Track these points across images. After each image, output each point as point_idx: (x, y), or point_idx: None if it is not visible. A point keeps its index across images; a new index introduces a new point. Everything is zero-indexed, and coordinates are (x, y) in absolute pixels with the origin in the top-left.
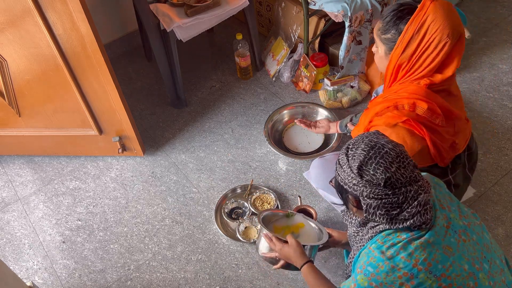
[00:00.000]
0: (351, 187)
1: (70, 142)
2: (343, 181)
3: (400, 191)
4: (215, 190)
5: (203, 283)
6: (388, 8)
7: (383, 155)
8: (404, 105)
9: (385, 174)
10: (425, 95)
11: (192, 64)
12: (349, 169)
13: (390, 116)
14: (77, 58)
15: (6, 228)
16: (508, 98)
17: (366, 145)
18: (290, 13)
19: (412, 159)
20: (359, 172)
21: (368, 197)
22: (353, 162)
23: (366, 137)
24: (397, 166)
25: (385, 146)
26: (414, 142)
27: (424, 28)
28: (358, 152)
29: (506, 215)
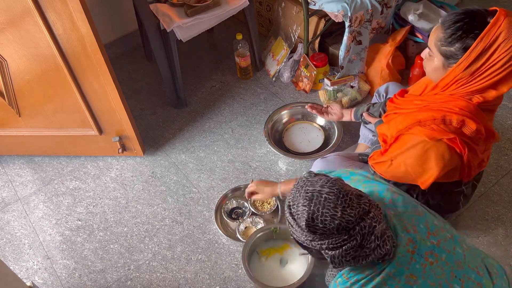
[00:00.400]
0: (309, 244)
1: (70, 142)
2: (300, 240)
3: (354, 231)
4: (215, 190)
5: (203, 283)
6: (449, 18)
7: (324, 203)
8: (453, 120)
9: (333, 222)
10: (475, 114)
11: (192, 64)
12: (299, 228)
13: (435, 130)
14: (77, 58)
15: (6, 228)
16: (508, 98)
17: (304, 199)
18: (290, 13)
19: (441, 174)
20: (309, 229)
21: (329, 248)
22: (300, 221)
23: (301, 187)
24: (342, 208)
25: (322, 192)
26: (452, 159)
27: (495, 46)
28: (300, 209)
29: (506, 215)
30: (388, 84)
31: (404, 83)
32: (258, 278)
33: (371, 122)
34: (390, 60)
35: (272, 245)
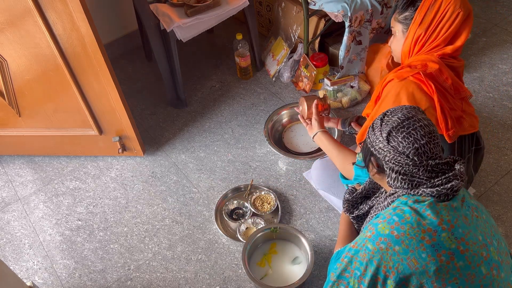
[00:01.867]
0: (377, 150)
1: (70, 142)
2: (371, 143)
3: (422, 163)
4: (215, 190)
5: (203, 283)
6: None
7: (417, 127)
8: (417, 65)
9: (412, 145)
10: (436, 60)
11: (192, 64)
12: (379, 132)
13: (402, 71)
14: (77, 58)
15: (6, 228)
16: (508, 98)
17: (403, 115)
18: (290, 13)
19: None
20: (387, 137)
21: (390, 161)
22: (385, 126)
23: (405, 108)
24: (428, 140)
25: (421, 121)
26: (422, 97)
27: (438, 2)
28: (394, 119)
29: (506, 215)
30: None
31: None
32: (254, 272)
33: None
34: (390, 60)
35: (263, 252)
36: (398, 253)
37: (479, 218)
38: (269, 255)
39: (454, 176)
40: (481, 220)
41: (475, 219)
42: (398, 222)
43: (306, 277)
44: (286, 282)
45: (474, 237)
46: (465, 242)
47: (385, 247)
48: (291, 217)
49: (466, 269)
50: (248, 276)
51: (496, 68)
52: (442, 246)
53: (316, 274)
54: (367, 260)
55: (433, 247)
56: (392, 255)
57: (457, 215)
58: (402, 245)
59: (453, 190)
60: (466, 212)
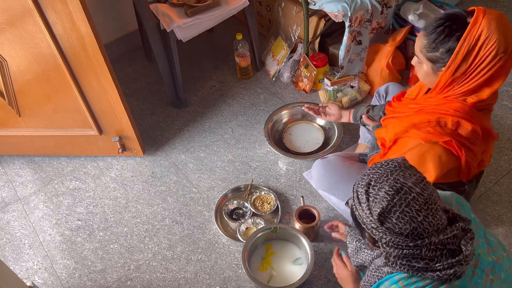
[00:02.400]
0: (369, 229)
1: (70, 142)
2: (361, 220)
3: (423, 242)
4: (215, 190)
5: (203, 283)
6: (431, 24)
7: (410, 202)
8: (448, 122)
9: (409, 225)
10: (470, 115)
11: (192, 64)
12: (368, 211)
13: (431, 132)
14: (77, 58)
15: (6, 228)
16: (508, 98)
17: (390, 188)
18: (290, 13)
19: (440, 176)
20: (379, 218)
21: (388, 245)
22: (374, 205)
23: (390, 174)
24: (425, 214)
25: (413, 190)
26: (449, 161)
27: (479, 44)
28: (381, 194)
29: (506, 215)
30: (388, 85)
31: (404, 83)
32: (258, 277)
33: (370, 125)
34: (390, 60)
35: (261, 256)
36: None
37: (495, 281)
38: (267, 258)
39: (458, 262)
40: (497, 282)
41: (488, 286)
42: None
43: (306, 277)
44: (287, 282)
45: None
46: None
47: None
48: (291, 217)
49: None
50: (248, 277)
51: None
52: None
53: (316, 274)
54: None
55: None
56: None
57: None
58: None
59: (456, 275)
60: (477, 281)
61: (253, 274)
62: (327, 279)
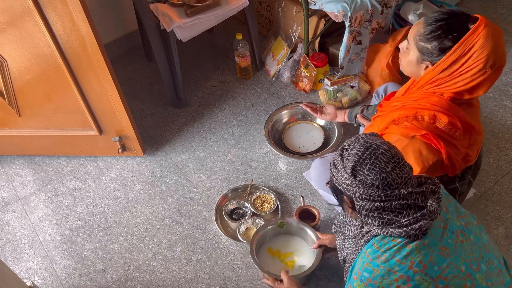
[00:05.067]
0: (345, 188)
1: (70, 142)
2: (337, 182)
3: (393, 193)
4: (215, 190)
5: (203, 283)
6: (433, 15)
7: (378, 155)
8: (424, 116)
9: (379, 175)
10: (447, 108)
11: (192, 64)
12: (343, 169)
13: (408, 127)
14: (77, 58)
15: (6, 228)
16: (508, 98)
17: (361, 146)
18: (290, 13)
19: (424, 170)
20: (352, 172)
21: (361, 198)
22: (347, 162)
23: (362, 138)
24: (392, 166)
25: (380, 147)
26: (430, 154)
27: (471, 52)
28: (353, 152)
29: (506, 215)
30: (387, 85)
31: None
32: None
33: (364, 124)
34: (390, 60)
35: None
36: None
37: (465, 242)
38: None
39: (423, 216)
40: (467, 244)
41: (459, 246)
42: (369, 278)
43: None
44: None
45: (455, 269)
46: (443, 279)
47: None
48: (291, 217)
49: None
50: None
51: None
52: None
53: (317, 274)
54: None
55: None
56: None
57: (430, 252)
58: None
59: (422, 230)
60: (448, 241)
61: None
62: (327, 279)
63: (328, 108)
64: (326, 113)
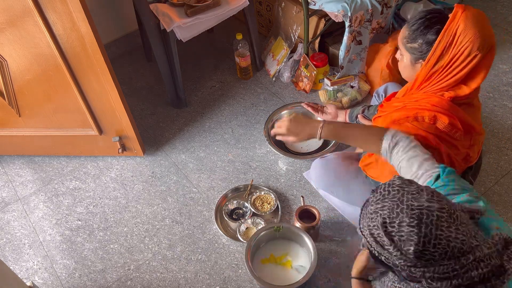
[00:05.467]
0: (406, 269)
1: (70, 142)
2: (392, 262)
3: (468, 260)
4: (215, 190)
5: (203, 283)
6: (414, 16)
7: (437, 223)
8: (425, 117)
9: (448, 246)
10: (447, 109)
11: (192, 64)
12: (399, 253)
13: (409, 127)
14: (77, 58)
15: (6, 228)
16: (508, 98)
17: (411, 218)
18: (290, 13)
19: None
20: (416, 255)
21: (433, 279)
22: (403, 244)
23: (400, 202)
24: (455, 227)
25: (432, 209)
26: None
27: (455, 39)
28: (405, 230)
29: (506, 215)
30: (387, 85)
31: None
32: (261, 276)
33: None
34: (390, 60)
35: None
36: None
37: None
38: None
39: (501, 281)
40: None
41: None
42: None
43: (309, 276)
44: (290, 281)
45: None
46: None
47: None
48: (291, 217)
49: None
50: (251, 274)
51: (496, 68)
52: None
53: (316, 274)
54: None
55: None
56: None
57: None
58: None
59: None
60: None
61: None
62: (327, 279)
63: (329, 107)
64: (327, 112)
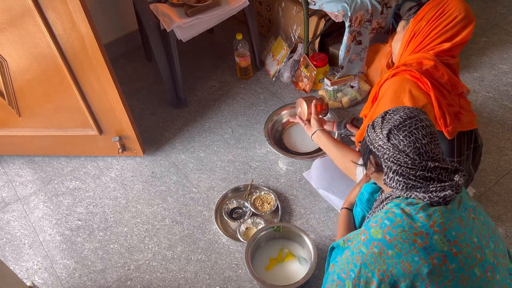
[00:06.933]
0: (376, 147)
1: (70, 142)
2: (370, 141)
3: (421, 163)
4: (215, 190)
5: (203, 283)
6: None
7: (419, 127)
8: (412, 64)
9: (414, 144)
10: (431, 58)
11: (192, 64)
12: (379, 130)
13: (397, 70)
14: (77, 58)
15: (6, 228)
16: (508, 98)
17: (405, 114)
18: (290, 13)
19: None
20: (388, 134)
21: (389, 159)
22: (387, 124)
23: (408, 108)
24: (429, 140)
25: (423, 121)
26: (420, 94)
27: (442, 3)
28: (395, 117)
29: (506, 215)
30: None
31: None
32: (262, 277)
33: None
34: (390, 60)
35: (271, 256)
36: (391, 257)
37: (476, 220)
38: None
39: (450, 187)
40: (478, 221)
41: (471, 221)
42: (390, 226)
43: (309, 276)
44: (289, 281)
45: (468, 239)
46: (458, 245)
47: (378, 251)
48: (291, 217)
49: (459, 271)
50: (251, 274)
51: (496, 68)
52: (434, 249)
53: (317, 274)
54: (361, 263)
55: (425, 250)
56: (385, 259)
57: (451, 218)
58: (395, 249)
59: (445, 199)
60: (462, 214)
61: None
62: None
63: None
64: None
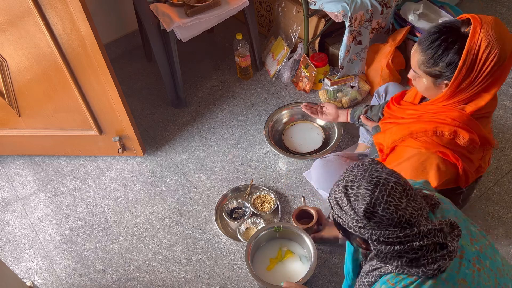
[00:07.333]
0: (357, 231)
1: (70, 142)
2: (346, 224)
3: (412, 232)
4: (215, 190)
5: (203, 283)
6: (426, 37)
7: (390, 192)
8: (445, 132)
9: (396, 213)
10: (468, 124)
11: (192, 64)
12: (352, 211)
13: (428, 142)
14: (77, 58)
15: (6, 228)
16: (508, 98)
17: (368, 183)
18: (290, 13)
19: (440, 184)
20: (365, 215)
21: (378, 241)
22: (357, 204)
23: (364, 172)
24: (407, 200)
25: (389, 180)
26: (447, 170)
27: (480, 54)
28: (362, 192)
29: (506, 215)
30: (388, 85)
31: (404, 83)
32: (262, 277)
33: (368, 126)
34: (390, 60)
35: (271, 256)
36: None
37: (482, 270)
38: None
39: (442, 256)
40: (484, 270)
41: (476, 276)
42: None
43: (309, 276)
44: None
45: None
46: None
47: None
48: (291, 217)
49: None
50: (251, 274)
51: None
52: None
53: (316, 274)
54: None
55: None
56: None
57: (450, 286)
58: None
59: (440, 270)
60: (465, 272)
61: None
62: (327, 279)
63: (328, 108)
64: (327, 113)
